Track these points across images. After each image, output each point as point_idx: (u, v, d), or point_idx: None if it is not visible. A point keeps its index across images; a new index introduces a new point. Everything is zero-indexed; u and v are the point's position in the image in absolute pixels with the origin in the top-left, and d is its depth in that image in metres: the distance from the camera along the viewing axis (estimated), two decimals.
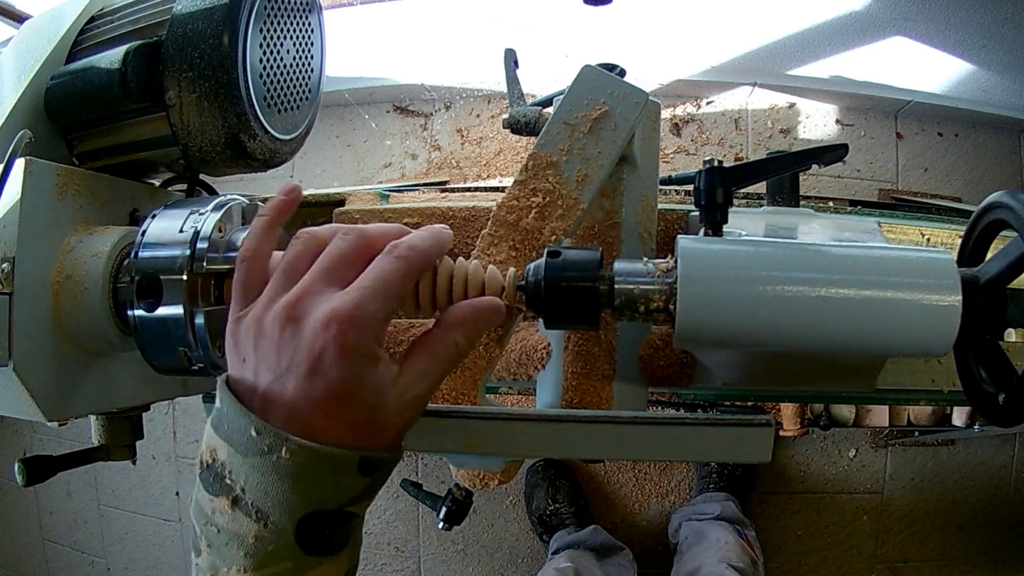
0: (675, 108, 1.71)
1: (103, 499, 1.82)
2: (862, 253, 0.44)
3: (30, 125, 0.51)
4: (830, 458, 1.58)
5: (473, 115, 1.76)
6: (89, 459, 0.59)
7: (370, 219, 0.73)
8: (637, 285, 0.44)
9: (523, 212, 0.55)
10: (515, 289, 0.45)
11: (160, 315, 0.44)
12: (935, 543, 1.57)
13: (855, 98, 1.64)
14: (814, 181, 1.66)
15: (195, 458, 1.59)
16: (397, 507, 1.68)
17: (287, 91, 0.58)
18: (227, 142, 0.53)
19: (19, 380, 0.44)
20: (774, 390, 0.70)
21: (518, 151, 1.72)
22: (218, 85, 0.50)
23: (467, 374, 0.53)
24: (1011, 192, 0.44)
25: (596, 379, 0.59)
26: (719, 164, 0.49)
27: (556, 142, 0.56)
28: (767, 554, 1.58)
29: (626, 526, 1.60)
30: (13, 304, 0.44)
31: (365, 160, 1.79)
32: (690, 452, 0.45)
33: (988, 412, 0.47)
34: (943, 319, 0.41)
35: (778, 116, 1.68)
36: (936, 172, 1.66)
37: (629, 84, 0.56)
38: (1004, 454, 1.56)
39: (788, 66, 1.59)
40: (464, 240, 0.72)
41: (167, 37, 0.51)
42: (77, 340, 0.48)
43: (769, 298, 0.41)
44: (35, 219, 0.46)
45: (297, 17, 0.58)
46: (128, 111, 0.53)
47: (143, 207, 0.57)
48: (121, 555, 1.82)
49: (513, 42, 0.83)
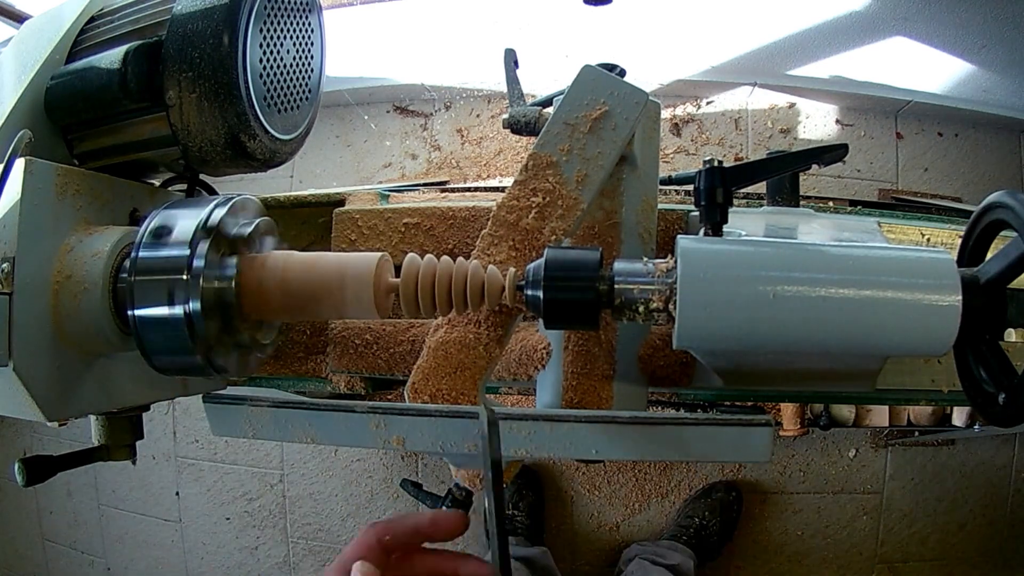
0: (675, 108, 1.71)
1: (103, 499, 1.82)
2: (862, 253, 0.44)
3: (30, 125, 0.51)
4: (830, 458, 1.58)
5: (473, 115, 1.77)
6: (89, 459, 0.59)
7: (370, 219, 0.73)
8: (637, 285, 0.44)
9: (523, 212, 0.55)
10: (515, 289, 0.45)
11: (160, 315, 0.44)
12: (935, 543, 1.57)
13: (855, 98, 1.64)
14: (814, 181, 1.66)
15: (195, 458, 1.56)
16: (397, 507, 1.68)
17: (287, 91, 0.58)
18: (227, 142, 0.53)
19: (19, 380, 0.44)
20: (774, 390, 0.70)
21: (518, 151, 1.72)
22: (218, 85, 0.50)
23: (467, 374, 0.53)
24: (1011, 192, 0.44)
25: (596, 379, 0.59)
26: (719, 164, 0.49)
27: (556, 142, 0.56)
28: (767, 554, 1.58)
29: (626, 526, 1.60)
30: (13, 304, 0.44)
31: (365, 160, 1.79)
32: (690, 452, 0.45)
33: (988, 412, 0.47)
34: (943, 319, 0.41)
35: (778, 116, 1.68)
36: (936, 172, 1.66)
37: (629, 84, 0.56)
38: (1004, 454, 1.56)
39: (788, 66, 1.59)
40: (464, 240, 0.72)
41: (167, 37, 0.51)
42: (77, 340, 0.48)
43: (769, 298, 0.41)
44: (35, 219, 0.46)
45: (297, 17, 0.58)
46: (128, 111, 0.53)
47: (143, 207, 0.57)
48: (121, 555, 1.82)
49: (513, 42, 0.83)
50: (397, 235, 0.73)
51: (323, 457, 1.74)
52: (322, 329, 0.74)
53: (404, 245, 0.72)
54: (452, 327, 0.55)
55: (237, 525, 1.77)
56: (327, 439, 0.50)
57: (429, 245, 0.73)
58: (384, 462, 1.70)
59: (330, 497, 1.73)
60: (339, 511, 1.72)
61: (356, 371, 0.71)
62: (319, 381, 0.76)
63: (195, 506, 1.79)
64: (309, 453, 1.74)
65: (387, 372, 0.70)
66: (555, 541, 1.62)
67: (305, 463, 1.75)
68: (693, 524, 1.51)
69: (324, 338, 0.74)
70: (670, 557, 1.41)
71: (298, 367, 0.76)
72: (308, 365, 0.76)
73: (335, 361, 0.72)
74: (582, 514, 1.62)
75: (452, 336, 0.54)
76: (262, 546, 1.76)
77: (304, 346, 0.76)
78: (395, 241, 0.73)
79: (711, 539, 1.51)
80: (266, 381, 0.79)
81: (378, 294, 0.46)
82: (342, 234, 0.73)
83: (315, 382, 0.77)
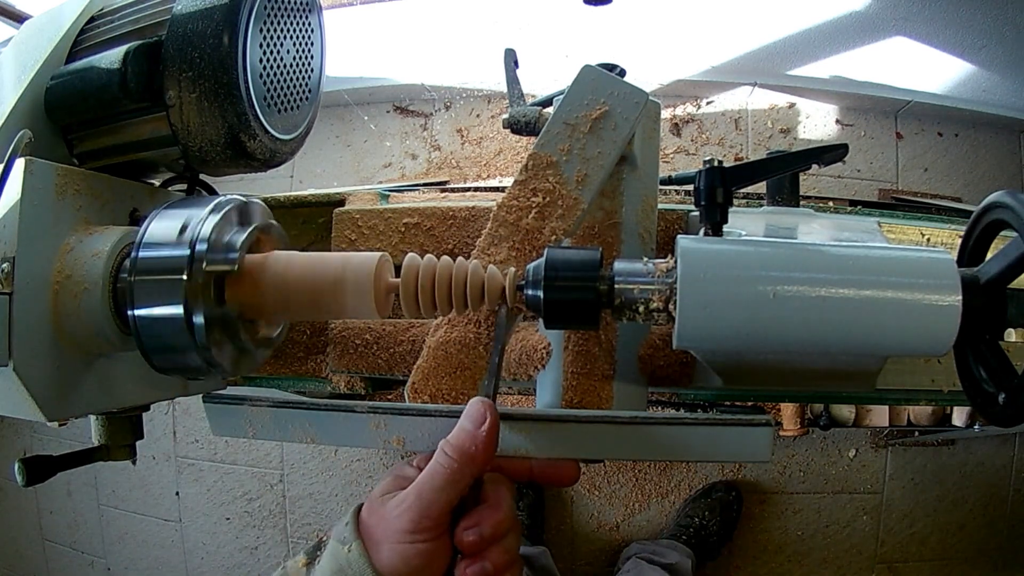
0: (675, 108, 1.71)
1: (103, 499, 1.82)
2: (862, 253, 0.44)
3: (30, 125, 0.50)
4: (830, 458, 1.58)
5: (473, 115, 1.77)
6: (89, 459, 0.59)
7: (370, 219, 0.73)
8: (637, 285, 0.44)
9: (523, 212, 0.55)
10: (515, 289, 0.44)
11: (160, 315, 0.44)
12: (935, 543, 1.57)
13: (855, 98, 1.64)
14: (814, 181, 1.66)
15: (195, 458, 1.58)
16: None
17: (287, 91, 0.58)
18: (227, 142, 0.53)
19: (19, 380, 0.44)
20: (774, 390, 0.70)
21: (518, 151, 1.72)
22: (218, 85, 0.50)
23: (467, 374, 0.53)
24: (1011, 192, 0.44)
25: (596, 379, 0.59)
26: (719, 164, 0.49)
27: (556, 142, 0.56)
28: (767, 554, 1.58)
29: (626, 526, 1.60)
30: (13, 304, 0.44)
31: (365, 160, 1.80)
32: (690, 452, 0.45)
33: (988, 412, 0.47)
34: (943, 319, 0.41)
35: (778, 116, 1.68)
36: (936, 172, 1.66)
37: (629, 84, 0.56)
38: (1004, 454, 1.56)
39: (788, 66, 1.59)
40: (464, 240, 0.72)
41: (167, 37, 0.51)
42: (77, 340, 0.48)
43: (769, 298, 0.41)
44: (35, 219, 0.46)
45: (297, 17, 0.58)
46: (128, 111, 0.53)
47: (143, 207, 0.57)
48: (121, 555, 1.82)
49: (513, 42, 0.83)
50: (397, 235, 0.73)
51: (323, 457, 1.74)
52: (322, 329, 0.74)
53: (404, 245, 0.72)
54: (452, 327, 0.55)
55: (237, 525, 1.77)
56: (327, 439, 0.50)
57: (429, 245, 0.72)
58: (384, 462, 1.70)
59: (330, 497, 1.73)
60: (339, 511, 1.72)
61: (356, 371, 0.71)
62: (319, 381, 0.76)
63: (195, 506, 1.79)
64: (309, 453, 1.74)
65: (387, 372, 0.70)
66: (555, 541, 1.62)
67: (305, 463, 1.75)
68: (693, 524, 1.51)
69: (324, 338, 0.74)
70: (668, 556, 1.41)
71: (298, 367, 0.76)
72: (308, 365, 0.76)
73: (335, 361, 0.72)
74: (582, 514, 1.62)
75: (452, 336, 0.55)
76: (262, 546, 1.76)
77: (304, 346, 0.76)
78: (395, 241, 0.73)
79: (711, 539, 1.51)
80: (266, 381, 0.79)
81: (378, 294, 0.46)
82: (342, 234, 0.73)
83: (315, 382, 0.77)
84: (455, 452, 0.40)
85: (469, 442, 0.40)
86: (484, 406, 0.41)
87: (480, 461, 0.41)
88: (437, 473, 0.40)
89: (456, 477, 0.40)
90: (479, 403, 0.42)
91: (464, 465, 0.40)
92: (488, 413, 0.41)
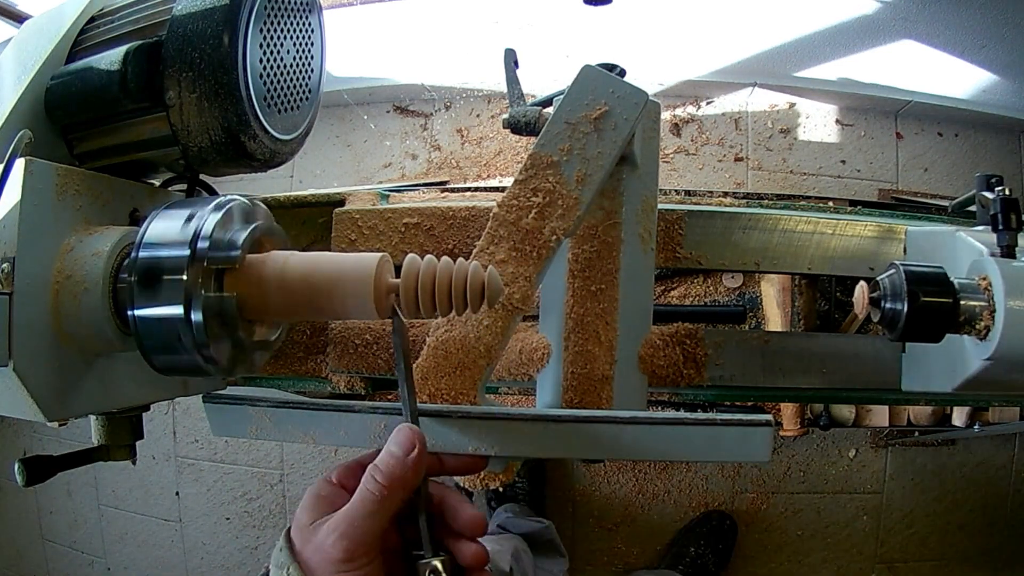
0: (675, 108, 1.71)
1: (103, 499, 1.82)
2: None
3: (30, 125, 0.50)
4: (830, 458, 1.58)
5: (473, 115, 1.77)
6: (89, 459, 0.59)
7: (370, 219, 0.73)
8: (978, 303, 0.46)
9: (523, 212, 0.55)
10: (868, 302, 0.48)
11: (160, 315, 0.44)
12: (935, 543, 1.57)
13: (855, 98, 1.64)
14: (814, 181, 1.66)
15: (195, 458, 1.57)
16: None
17: (287, 91, 0.58)
18: (227, 142, 0.52)
19: (19, 380, 0.44)
20: (774, 389, 0.70)
21: (518, 151, 1.72)
22: (218, 85, 0.50)
23: (467, 374, 0.53)
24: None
25: (596, 379, 0.59)
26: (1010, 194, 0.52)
27: (556, 142, 0.56)
28: (767, 554, 1.58)
29: (626, 526, 1.60)
30: (13, 304, 0.44)
31: (365, 160, 1.79)
32: (690, 452, 0.45)
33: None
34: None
35: (778, 116, 1.68)
36: (936, 172, 1.66)
37: (629, 84, 0.56)
38: (1004, 454, 1.56)
39: (789, 68, 1.59)
40: (464, 240, 0.72)
41: (167, 37, 0.51)
42: (77, 340, 0.48)
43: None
44: (35, 219, 0.46)
45: (297, 17, 0.58)
46: (128, 111, 0.53)
47: (143, 207, 0.57)
48: (121, 555, 1.82)
49: (513, 42, 0.83)
50: (397, 235, 0.73)
51: (323, 457, 1.74)
52: (322, 329, 0.74)
53: (404, 245, 0.72)
54: (452, 327, 0.55)
55: (237, 525, 1.77)
56: (327, 439, 0.50)
57: (429, 245, 0.72)
58: None
59: None
60: None
61: (356, 371, 0.71)
62: (319, 381, 0.76)
63: (195, 506, 1.79)
64: (309, 453, 1.74)
65: (387, 372, 0.70)
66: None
67: (305, 463, 1.75)
68: (688, 553, 1.52)
69: (324, 338, 0.74)
70: None
71: (298, 367, 0.76)
72: (308, 365, 0.76)
73: (335, 361, 0.72)
74: (582, 514, 1.62)
75: (452, 336, 0.55)
76: (262, 546, 1.76)
77: (304, 346, 0.76)
78: (395, 241, 0.73)
79: (708, 567, 1.52)
80: (266, 381, 0.79)
81: (378, 294, 0.46)
82: (342, 234, 0.73)
83: (315, 382, 0.77)
84: (385, 479, 0.41)
85: (399, 469, 0.41)
86: (412, 432, 0.42)
87: (411, 485, 0.42)
88: (368, 499, 0.41)
89: (386, 504, 0.41)
90: (407, 429, 0.43)
91: (394, 491, 0.41)
92: (416, 440, 0.42)
